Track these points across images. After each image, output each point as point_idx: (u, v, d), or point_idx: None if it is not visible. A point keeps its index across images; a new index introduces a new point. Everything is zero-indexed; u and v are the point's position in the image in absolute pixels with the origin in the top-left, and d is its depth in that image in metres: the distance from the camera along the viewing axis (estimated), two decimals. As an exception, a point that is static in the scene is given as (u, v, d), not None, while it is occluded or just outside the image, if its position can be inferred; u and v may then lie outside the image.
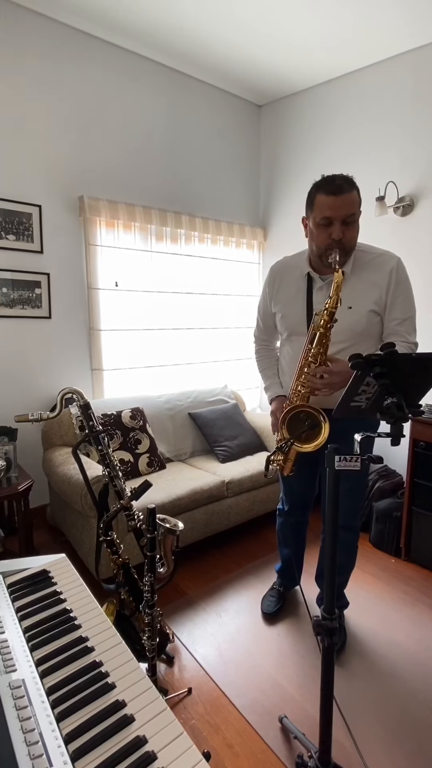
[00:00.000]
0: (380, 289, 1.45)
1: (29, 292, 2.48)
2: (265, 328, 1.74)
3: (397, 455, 2.72)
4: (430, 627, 1.85)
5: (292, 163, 3.31)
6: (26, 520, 2.13)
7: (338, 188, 1.34)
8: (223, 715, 1.44)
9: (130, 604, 1.60)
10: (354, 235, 1.42)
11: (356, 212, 1.39)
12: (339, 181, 1.35)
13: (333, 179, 1.37)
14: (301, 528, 1.92)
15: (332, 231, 1.36)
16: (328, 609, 1.09)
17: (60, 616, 0.89)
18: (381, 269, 1.45)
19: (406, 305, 1.46)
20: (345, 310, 1.43)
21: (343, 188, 1.34)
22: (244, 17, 2.38)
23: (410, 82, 2.59)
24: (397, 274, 1.45)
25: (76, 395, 1.48)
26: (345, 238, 1.38)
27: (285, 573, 1.98)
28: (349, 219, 1.37)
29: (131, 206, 2.71)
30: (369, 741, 1.36)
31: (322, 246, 1.41)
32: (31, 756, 0.59)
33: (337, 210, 1.34)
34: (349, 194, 1.35)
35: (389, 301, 1.45)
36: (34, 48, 2.36)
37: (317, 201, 1.38)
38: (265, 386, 1.75)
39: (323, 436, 1.40)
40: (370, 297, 1.45)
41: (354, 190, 1.37)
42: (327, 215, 1.36)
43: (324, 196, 1.36)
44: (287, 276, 1.59)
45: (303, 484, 1.78)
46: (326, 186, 1.36)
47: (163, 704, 0.70)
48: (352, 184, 1.37)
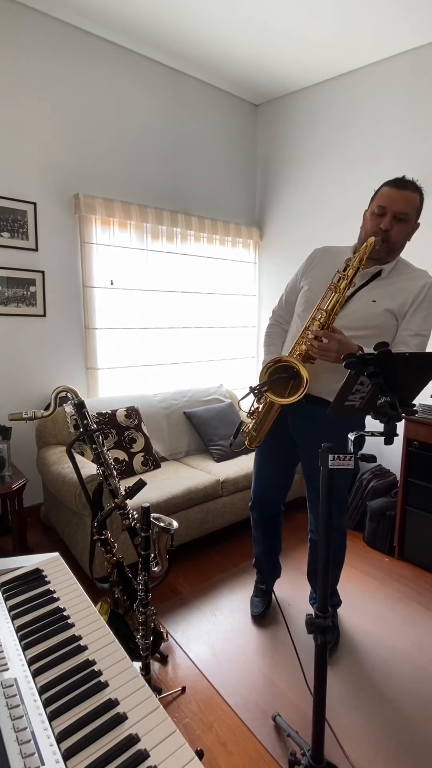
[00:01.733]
0: (408, 296, 1.47)
1: (24, 290, 2.47)
2: (286, 304, 1.73)
3: (391, 455, 2.74)
4: (423, 626, 1.87)
5: (288, 162, 3.32)
6: (20, 519, 2.12)
7: (403, 184, 1.40)
8: (216, 713, 1.44)
9: (124, 602, 1.60)
10: (401, 234, 1.44)
11: (411, 214, 1.42)
12: (407, 180, 1.42)
13: (402, 177, 1.43)
14: (271, 524, 1.87)
15: (383, 221, 1.40)
16: (322, 607, 1.10)
17: (53, 615, 0.88)
18: (416, 280, 1.49)
19: (425, 323, 1.47)
20: (369, 302, 1.47)
21: (408, 185, 1.40)
22: (242, 16, 2.38)
23: (407, 83, 2.60)
24: (428, 290, 1.47)
25: (70, 393, 1.48)
26: (392, 231, 1.41)
27: (260, 568, 1.95)
28: (401, 215, 1.40)
29: (127, 204, 2.71)
30: (361, 739, 1.36)
31: (370, 233, 1.44)
32: (23, 754, 0.59)
33: (393, 201, 1.39)
34: (410, 192, 1.40)
35: (411, 310, 1.47)
36: (31, 45, 2.34)
37: (380, 192, 1.45)
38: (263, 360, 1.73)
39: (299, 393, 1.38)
40: (395, 299, 1.47)
41: (417, 193, 1.42)
42: (383, 204, 1.41)
43: (387, 187, 1.42)
44: (328, 258, 1.60)
45: (273, 480, 1.77)
46: (394, 180, 1.43)
47: (156, 702, 0.70)
48: (418, 189, 1.42)
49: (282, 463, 1.75)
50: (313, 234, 3.11)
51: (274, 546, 1.93)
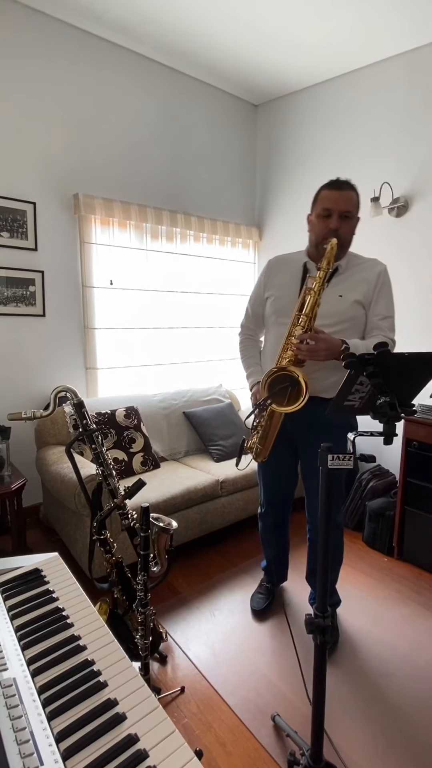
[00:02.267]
0: (369, 285, 1.57)
1: (23, 289, 2.46)
2: (253, 316, 1.80)
3: (390, 455, 2.74)
4: (423, 626, 1.87)
5: (287, 162, 3.32)
6: (19, 519, 2.12)
7: (340, 185, 1.52)
8: (215, 713, 1.44)
9: (123, 602, 1.60)
10: (349, 231, 1.54)
11: (353, 211, 1.52)
12: (342, 181, 1.53)
13: (337, 179, 1.54)
14: (283, 528, 1.92)
15: (330, 222, 1.50)
16: (321, 607, 1.10)
17: (52, 615, 0.88)
18: (371, 270, 1.59)
19: (388, 305, 1.60)
20: (336, 297, 1.55)
21: (344, 185, 1.52)
22: (242, 17, 2.38)
23: (406, 83, 2.61)
24: (384, 276, 1.59)
25: (69, 393, 1.48)
26: (341, 230, 1.50)
27: (270, 570, 2.00)
28: (346, 214, 1.50)
29: (126, 204, 2.71)
30: (360, 739, 1.36)
31: (320, 235, 1.53)
32: (22, 755, 0.59)
33: (336, 202, 1.49)
34: (349, 191, 1.51)
35: (375, 297, 1.58)
36: (31, 44, 2.34)
37: (321, 195, 1.55)
38: (247, 374, 1.80)
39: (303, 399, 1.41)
40: (359, 290, 1.57)
41: (353, 191, 1.53)
42: (327, 207, 1.50)
43: (327, 190, 1.53)
44: (284, 266, 1.68)
45: (281, 481, 1.80)
46: (331, 183, 1.54)
47: (155, 702, 0.70)
48: (354, 187, 1.54)
49: (286, 467, 1.76)
50: (312, 234, 3.11)
51: (285, 547, 1.98)
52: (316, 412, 1.45)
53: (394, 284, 1.64)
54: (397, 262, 2.74)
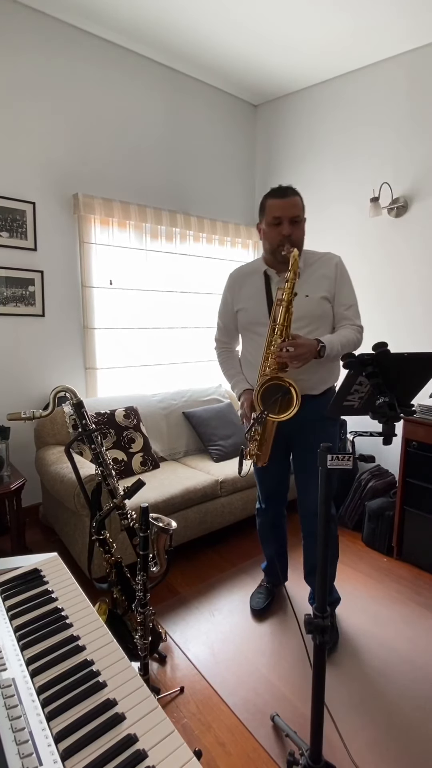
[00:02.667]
0: (329, 279, 1.64)
1: (23, 289, 2.46)
2: (226, 330, 1.85)
3: (389, 455, 2.74)
4: (422, 626, 1.87)
5: (286, 163, 3.32)
6: (18, 519, 2.12)
7: (283, 192, 1.57)
8: (215, 713, 1.44)
9: (122, 603, 1.60)
10: (300, 234, 1.60)
11: (301, 215, 1.59)
12: (284, 187, 1.58)
13: (279, 187, 1.59)
14: (280, 523, 1.95)
15: (282, 229, 1.55)
16: (320, 607, 1.10)
17: (51, 615, 0.88)
18: (328, 264, 1.66)
19: (350, 294, 1.67)
20: (303, 299, 1.59)
21: (288, 192, 1.57)
22: (242, 17, 2.38)
23: (405, 84, 2.61)
24: (341, 268, 1.66)
25: (69, 394, 1.48)
26: (293, 235, 1.56)
27: (271, 571, 2.01)
28: (295, 219, 1.56)
29: (126, 204, 2.71)
30: (359, 739, 1.36)
31: (275, 243, 1.57)
32: (21, 755, 0.59)
33: (284, 210, 1.55)
34: (293, 197, 1.57)
35: (336, 289, 1.65)
36: (30, 44, 2.34)
37: (267, 205, 1.59)
38: (231, 385, 1.84)
39: (296, 404, 1.46)
40: (323, 286, 1.63)
41: (298, 195, 1.59)
42: (277, 215, 1.55)
43: (273, 199, 1.57)
44: (246, 279, 1.73)
45: (277, 475, 1.83)
46: (275, 192, 1.59)
47: (154, 703, 0.70)
48: (296, 191, 1.59)
49: (280, 462, 1.78)
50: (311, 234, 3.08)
51: (284, 543, 2.00)
52: (306, 408, 1.51)
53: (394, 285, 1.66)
54: (396, 262, 2.76)
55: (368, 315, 2.92)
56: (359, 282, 2.93)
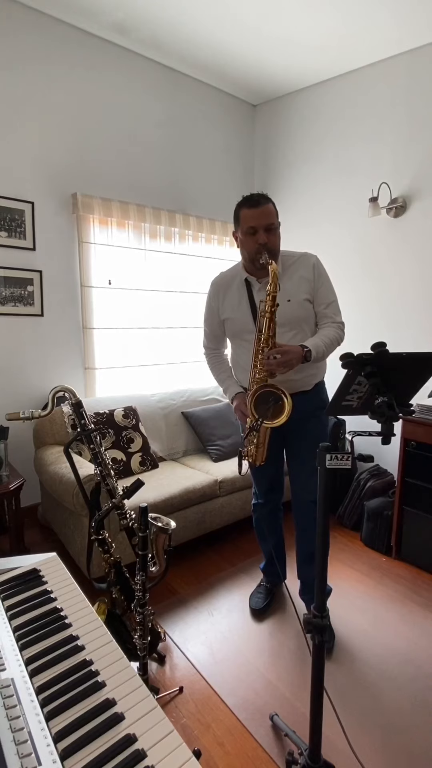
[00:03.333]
0: (308, 281, 1.67)
1: (21, 289, 2.46)
2: (213, 336, 1.88)
3: (388, 455, 2.74)
4: (420, 625, 1.87)
5: (285, 162, 3.32)
6: (17, 519, 2.12)
7: (257, 202, 1.59)
8: (214, 713, 1.44)
9: (121, 602, 1.60)
10: (276, 241, 1.63)
11: (275, 222, 1.61)
12: (257, 196, 1.60)
13: (252, 196, 1.61)
14: (277, 516, 1.97)
15: (258, 237, 1.58)
16: (319, 607, 1.10)
17: (50, 615, 0.88)
18: (305, 266, 1.68)
19: (328, 292, 1.70)
20: (286, 302, 1.62)
21: (261, 201, 1.59)
22: (241, 17, 2.38)
23: (404, 84, 2.61)
24: (318, 268, 1.69)
25: (68, 393, 1.48)
26: (269, 243, 1.58)
27: (269, 569, 2.01)
28: (270, 227, 1.59)
29: (125, 204, 2.70)
30: (358, 737, 1.37)
31: (252, 251, 1.61)
32: (20, 755, 0.59)
33: (258, 219, 1.57)
34: (266, 206, 1.59)
35: (315, 289, 1.68)
36: (29, 44, 2.34)
37: (242, 215, 1.62)
38: (223, 389, 1.87)
39: (288, 408, 1.50)
40: (303, 288, 1.67)
41: (270, 203, 1.61)
42: (251, 225, 1.58)
43: (246, 209, 1.60)
44: (229, 286, 1.77)
45: (273, 469, 1.85)
46: (247, 201, 1.61)
47: (153, 702, 0.70)
48: (268, 199, 1.62)
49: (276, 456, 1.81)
50: (309, 234, 3.11)
51: (280, 539, 2.02)
52: (299, 402, 1.56)
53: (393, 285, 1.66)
54: (395, 262, 2.76)
55: (367, 314, 2.94)
56: (357, 281, 2.96)
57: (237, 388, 1.80)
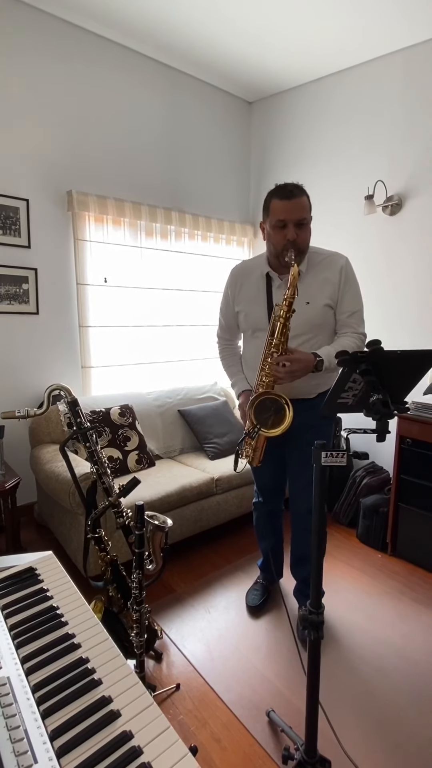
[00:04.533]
0: (333, 285, 1.57)
1: (16, 287, 2.45)
2: (227, 327, 1.81)
3: (384, 452, 2.76)
4: (415, 621, 1.88)
5: (281, 160, 3.32)
6: (13, 518, 2.12)
7: (290, 193, 1.46)
8: (211, 710, 1.45)
9: (118, 601, 1.60)
10: (306, 237, 1.52)
11: (307, 216, 1.50)
12: (290, 187, 1.48)
13: (286, 185, 1.49)
14: (277, 517, 1.96)
15: (287, 232, 1.47)
16: (315, 603, 1.10)
17: (46, 614, 0.88)
18: (332, 267, 1.57)
19: (354, 300, 1.59)
20: (304, 305, 1.53)
21: (295, 193, 1.47)
22: (236, 14, 2.37)
23: (400, 82, 2.61)
24: (346, 272, 1.58)
25: (63, 392, 1.47)
26: (299, 239, 1.48)
27: (267, 567, 2.01)
28: (301, 222, 1.48)
29: (120, 202, 2.69)
30: (353, 733, 1.38)
31: (279, 247, 1.50)
32: (16, 753, 0.58)
33: (290, 213, 1.46)
34: (299, 198, 1.47)
35: (340, 295, 1.58)
36: (24, 40, 2.32)
37: (272, 206, 1.50)
38: (231, 383, 1.83)
39: (288, 421, 1.46)
40: (325, 292, 1.56)
41: (304, 195, 1.49)
42: (281, 218, 1.47)
43: (278, 200, 1.48)
44: (248, 277, 1.67)
45: (273, 472, 1.83)
46: (280, 192, 1.48)
47: (150, 699, 0.71)
48: (303, 191, 1.49)
49: (277, 458, 1.79)
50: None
51: (280, 539, 2.00)
52: (300, 409, 1.51)
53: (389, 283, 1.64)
54: (391, 259, 2.76)
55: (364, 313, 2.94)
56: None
57: (245, 385, 1.75)
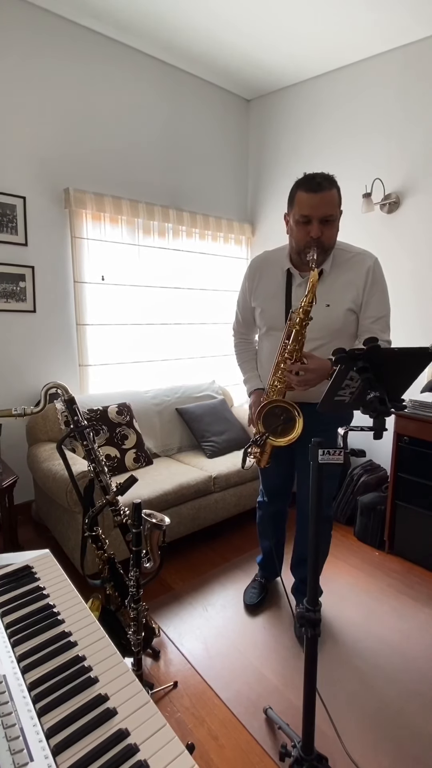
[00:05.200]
0: (357, 287, 1.46)
1: (13, 285, 2.44)
2: (244, 321, 1.75)
3: (381, 450, 2.76)
4: (412, 618, 1.89)
5: (279, 158, 3.31)
6: (11, 517, 2.11)
7: (318, 186, 1.34)
8: (208, 707, 1.45)
9: (115, 599, 1.60)
10: (332, 234, 1.41)
11: (335, 212, 1.38)
12: (319, 179, 1.35)
13: (314, 177, 1.36)
14: (281, 518, 1.95)
15: (311, 229, 1.37)
16: (312, 601, 1.11)
17: (42, 612, 0.88)
18: (359, 268, 1.47)
19: (380, 304, 1.48)
20: (323, 307, 1.45)
21: (323, 186, 1.34)
22: (234, 12, 2.36)
23: (398, 79, 2.61)
24: (373, 274, 1.47)
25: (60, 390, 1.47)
26: (323, 237, 1.37)
27: (266, 565, 2.01)
28: (327, 218, 1.36)
29: (118, 199, 2.68)
30: (351, 730, 1.38)
31: (301, 243, 1.41)
32: (12, 751, 0.58)
33: (315, 208, 1.34)
34: (328, 192, 1.35)
35: (365, 299, 1.47)
36: (22, 37, 2.31)
37: (297, 198, 1.39)
38: (244, 379, 1.78)
39: (297, 431, 1.42)
40: (348, 295, 1.47)
41: (334, 188, 1.37)
42: (306, 213, 1.36)
43: (304, 193, 1.36)
44: (267, 271, 1.59)
45: (281, 474, 1.81)
46: (306, 183, 1.36)
47: (146, 697, 0.70)
48: (333, 183, 1.37)
49: (284, 461, 1.77)
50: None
51: (281, 539, 1.99)
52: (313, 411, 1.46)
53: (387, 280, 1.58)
54: (389, 258, 2.75)
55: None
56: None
57: (257, 383, 1.69)
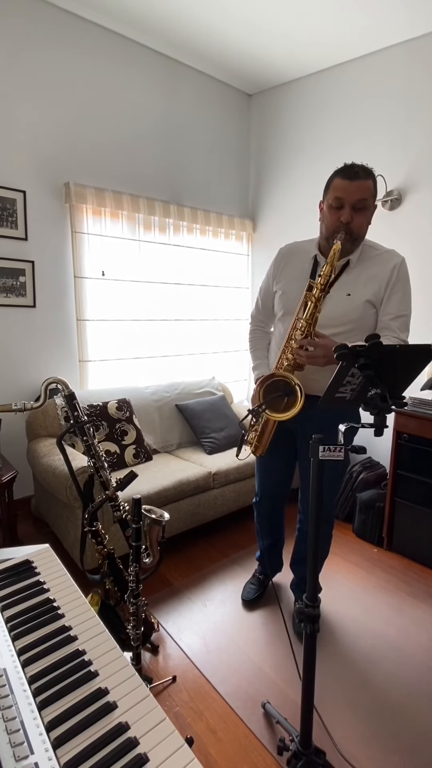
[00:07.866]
0: (381, 281, 1.47)
1: (13, 280, 2.43)
2: (263, 308, 1.74)
3: (380, 447, 2.76)
4: (410, 614, 1.90)
5: (281, 153, 3.29)
6: (10, 512, 2.11)
7: (354, 173, 1.38)
8: (207, 701, 1.46)
9: (115, 594, 1.60)
10: (363, 223, 1.43)
11: (368, 199, 1.40)
12: (357, 168, 1.39)
13: (352, 166, 1.40)
14: (278, 519, 1.92)
15: (342, 214, 1.39)
16: (311, 597, 1.11)
17: (43, 606, 0.88)
18: (385, 264, 1.48)
19: (402, 303, 1.48)
20: (344, 296, 1.46)
21: (359, 174, 1.38)
22: (237, 5, 2.34)
23: (401, 75, 2.59)
24: (399, 271, 1.48)
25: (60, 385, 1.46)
26: (353, 224, 1.40)
27: (263, 561, 2.01)
28: (359, 204, 1.39)
29: (118, 194, 2.67)
30: (348, 725, 1.39)
31: (331, 228, 1.43)
32: (12, 744, 0.59)
33: (349, 193, 1.37)
34: (363, 181, 1.38)
35: (387, 294, 1.47)
36: (21, 30, 2.29)
37: (333, 184, 1.42)
38: (253, 366, 1.77)
39: (297, 407, 1.40)
40: (370, 288, 1.47)
41: (370, 178, 1.40)
42: (339, 196, 1.39)
43: (340, 179, 1.40)
44: (294, 257, 1.60)
45: (277, 476, 1.80)
46: (344, 171, 1.40)
47: (146, 691, 0.71)
48: (369, 174, 1.40)
49: (283, 459, 1.76)
50: (305, 226, 3.09)
51: (279, 539, 1.97)
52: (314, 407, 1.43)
53: None
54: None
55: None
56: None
57: (265, 370, 1.68)
